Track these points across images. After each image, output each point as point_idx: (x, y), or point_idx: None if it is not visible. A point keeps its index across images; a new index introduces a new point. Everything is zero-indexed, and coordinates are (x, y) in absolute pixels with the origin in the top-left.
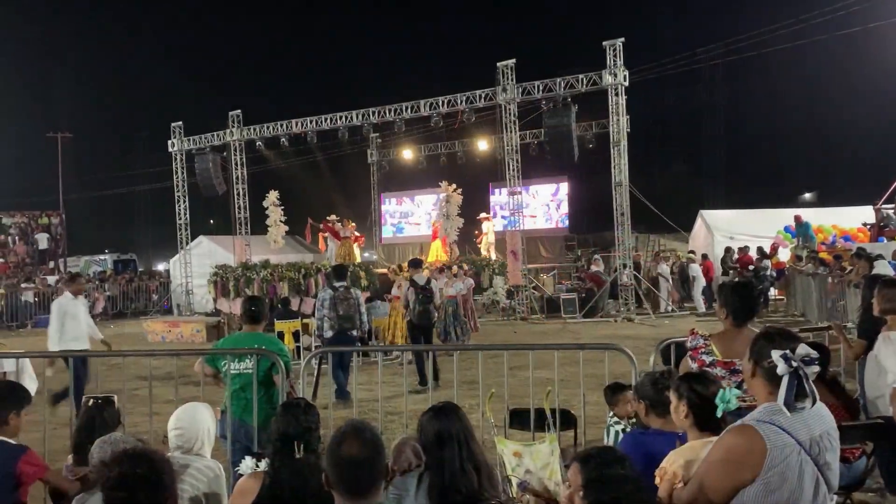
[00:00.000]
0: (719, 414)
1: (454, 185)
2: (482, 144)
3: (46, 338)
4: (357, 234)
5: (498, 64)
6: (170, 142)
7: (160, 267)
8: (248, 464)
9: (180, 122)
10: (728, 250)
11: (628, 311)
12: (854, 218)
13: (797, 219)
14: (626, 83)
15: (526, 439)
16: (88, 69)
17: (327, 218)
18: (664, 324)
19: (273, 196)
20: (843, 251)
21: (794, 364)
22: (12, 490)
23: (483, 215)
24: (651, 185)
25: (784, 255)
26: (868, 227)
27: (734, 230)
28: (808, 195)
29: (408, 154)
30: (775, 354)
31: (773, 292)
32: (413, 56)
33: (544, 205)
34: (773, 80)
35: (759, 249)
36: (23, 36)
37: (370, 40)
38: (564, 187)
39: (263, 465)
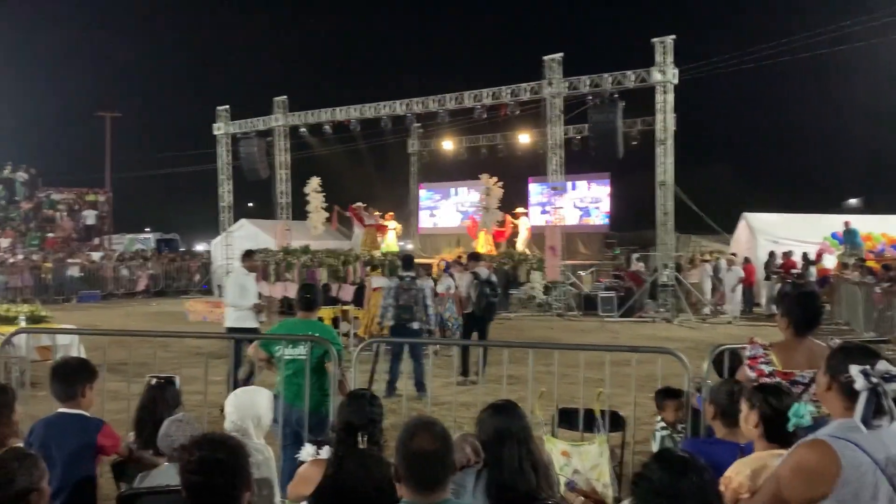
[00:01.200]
0: (790, 428)
1: (495, 178)
2: (524, 138)
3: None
4: (386, 223)
5: (544, 57)
6: (215, 125)
7: (200, 248)
8: (308, 450)
9: (226, 106)
10: (772, 255)
11: (667, 312)
12: None
13: (846, 225)
14: (676, 81)
15: (573, 439)
16: (139, 52)
17: (353, 205)
18: (703, 326)
19: (315, 182)
20: (891, 260)
21: (874, 381)
22: (91, 461)
23: (519, 210)
24: (693, 184)
25: (829, 261)
26: None
27: (779, 234)
28: (853, 201)
29: (448, 145)
30: (854, 370)
31: None
32: (459, 47)
33: (585, 201)
34: (823, 81)
35: (805, 255)
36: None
37: (416, 30)
38: (606, 184)
39: (324, 452)
